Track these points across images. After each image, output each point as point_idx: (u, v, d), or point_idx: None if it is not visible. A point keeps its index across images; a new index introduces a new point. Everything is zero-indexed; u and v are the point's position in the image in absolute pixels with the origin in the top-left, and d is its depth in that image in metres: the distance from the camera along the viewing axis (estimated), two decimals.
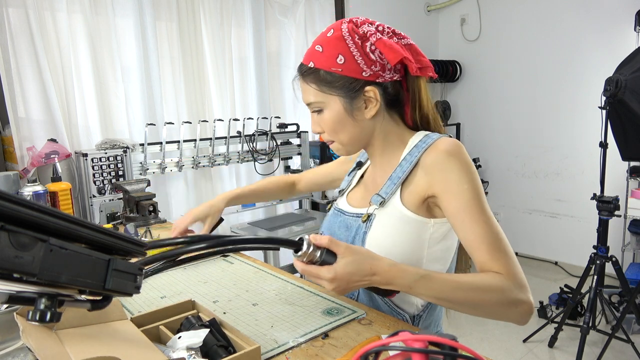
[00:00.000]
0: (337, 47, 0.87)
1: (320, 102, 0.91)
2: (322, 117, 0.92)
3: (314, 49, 0.90)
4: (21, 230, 0.38)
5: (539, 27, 3.66)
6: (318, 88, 0.89)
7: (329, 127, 0.92)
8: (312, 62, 0.89)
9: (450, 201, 0.83)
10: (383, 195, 0.91)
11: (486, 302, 0.77)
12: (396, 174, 0.91)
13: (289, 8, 3.21)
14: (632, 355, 2.31)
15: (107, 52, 2.41)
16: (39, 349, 0.60)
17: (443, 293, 0.77)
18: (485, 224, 0.81)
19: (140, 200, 1.60)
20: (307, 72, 0.90)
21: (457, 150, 0.85)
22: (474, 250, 0.82)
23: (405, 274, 0.76)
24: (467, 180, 0.83)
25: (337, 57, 0.87)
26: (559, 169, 3.71)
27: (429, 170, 0.86)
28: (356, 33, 0.87)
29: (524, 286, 0.79)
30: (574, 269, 3.59)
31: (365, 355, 0.46)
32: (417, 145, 0.90)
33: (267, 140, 2.94)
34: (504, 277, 0.78)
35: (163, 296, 1.03)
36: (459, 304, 0.79)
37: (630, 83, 2.16)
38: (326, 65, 0.87)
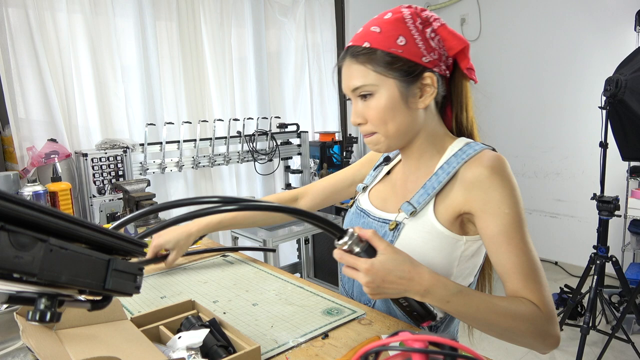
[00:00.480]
0: (397, 29, 0.82)
1: (372, 84, 0.82)
2: (370, 104, 0.84)
3: (369, 30, 0.84)
4: (21, 230, 0.37)
5: (539, 27, 3.66)
6: (374, 69, 0.82)
7: (377, 114, 0.84)
8: (367, 42, 0.82)
9: (488, 223, 0.79)
10: (415, 204, 0.85)
11: (517, 330, 0.74)
12: (431, 183, 0.86)
13: (289, 8, 3.21)
14: (632, 355, 2.31)
15: (107, 52, 2.42)
16: (39, 349, 0.60)
17: (479, 313, 0.73)
18: (523, 253, 0.77)
19: (140, 200, 1.60)
20: (360, 53, 0.83)
21: (502, 167, 0.80)
22: (508, 277, 0.78)
23: (445, 286, 0.72)
24: (509, 203, 0.78)
25: (398, 38, 0.81)
26: (559, 169, 3.71)
27: (469, 186, 0.81)
28: (419, 16, 0.84)
29: (554, 319, 0.77)
30: (574, 269, 3.59)
31: (365, 355, 0.46)
32: (456, 155, 0.85)
33: (267, 140, 2.94)
34: (537, 307, 0.75)
35: (163, 296, 1.03)
36: (490, 325, 0.75)
37: (630, 83, 2.16)
38: (385, 46, 0.81)
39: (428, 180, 0.87)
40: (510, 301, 0.75)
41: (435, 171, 0.87)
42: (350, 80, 0.85)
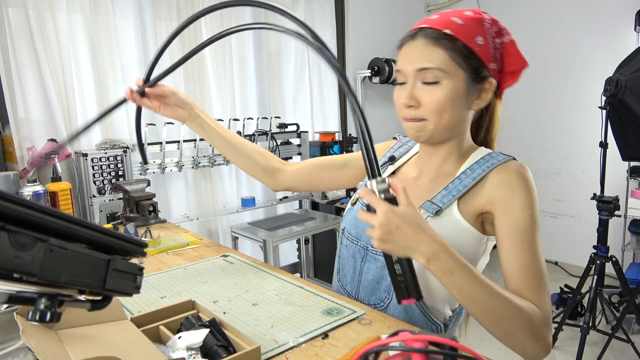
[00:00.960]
0: (476, 28, 0.84)
1: (444, 70, 0.81)
2: (434, 90, 0.82)
3: (449, 19, 0.83)
4: (21, 230, 0.38)
5: (538, 27, 3.66)
6: (450, 56, 0.81)
7: (438, 102, 0.82)
8: (449, 29, 0.82)
9: (507, 221, 0.82)
10: (439, 204, 0.86)
11: (513, 322, 0.74)
12: (454, 186, 0.88)
13: (289, 8, 3.19)
14: (632, 355, 2.31)
15: (107, 52, 2.42)
16: (39, 349, 0.60)
17: (480, 293, 0.73)
18: (534, 255, 0.80)
19: (140, 200, 1.60)
20: (441, 36, 0.82)
21: (528, 175, 0.85)
22: (514, 275, 0.79)
23: (453, 256, 0.72)
24: (530, 207, 0.82)
25: (477, 37, 0.83)
26: (559, 169, 3.71)
27: (495, 188, 0.84)
28: (495, 25, 0.86)
29: (550, 325, 0.78)
30: (574, 269, 3.59)
31: (365, 355, 0.46)
32: (478, 162, 0.89)
33: (267, 140, 2.94)
34: (537, 309, 0.76)
35: (163, 296, 1.03)
36: (487, 310, 0.74)
37: (630, 83, 2.16)
38: (466, 39, 0.82)
39: (451, 183, 0.89)
40: (513, 294, 0.76)
41: (458, 175, 0.89)
42: (420, 60, 0.82)
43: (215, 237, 2.96)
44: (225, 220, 2.98)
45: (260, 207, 3.08)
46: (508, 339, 0.77)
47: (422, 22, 0.86)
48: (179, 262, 1.27)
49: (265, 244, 2.50)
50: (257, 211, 3.13)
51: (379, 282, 0.95)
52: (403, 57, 0.86)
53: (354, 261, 1.00)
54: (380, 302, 0.95)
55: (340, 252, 1.05)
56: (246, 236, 2.67)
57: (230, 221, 2.99)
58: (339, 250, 1.07)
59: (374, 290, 0.96)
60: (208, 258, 1.29)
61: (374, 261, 0.95)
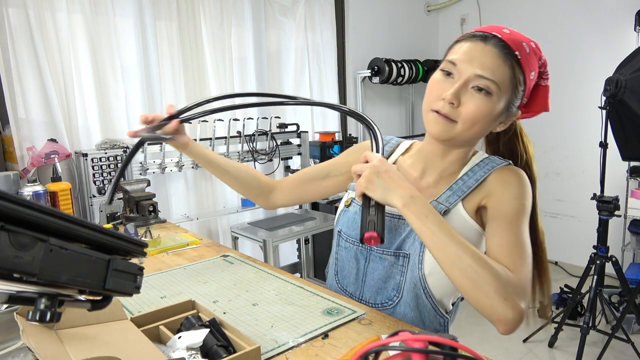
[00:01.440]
0: (534, 62, 0.86)
1: (498, 87, 0.82)
2: (480, 100, 0.82)
3: (521, 43, 0.84)
4: (21, 230, 0.38)
5: (539, 27, 3.66)
6: (510, 77, 0.83)
7: (477, 113, 0.83)
8: (519, 53, 0.83)
9: (497, 209, 0.85)
10: (446, 204, 0.89)
11: (482, 275, 0.74)
12: (458, 187, 0.90)
13: (289, 8, 3.21)
14: (632, 355, 2.31)
15: (107, 52, 2.42)
16: (39, 349, 0.60)
17: (452, 239, 0.76)
18: (519, 235, 0.82)
19: (140, 200, 1.60)
20: (511, 55, 0.82)
21: (523, 175, 0.90)
22: (495, 250, 0.82)
23: (426, 202, 0.80)
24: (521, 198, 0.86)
25: (531, 73, 0.86)
26: (559, 169, 3.71)
27: (492, 184, 0.88)
28: (545, 67, 0.89)
29: (522, 293, 0.77)
30: (574, 269, 3.59)
31: (365, 355, 0.46)
32: (479, 165, 0.92)
33: (267, 140, 2.94)
34: (511, 272, 0.78)
35: (163, 296, 1.03)
36: (457, 259, 0.75)
37: (630, 83, 2.16)
38: (526, 68, 0.84)
39: (455, 184, 0.91)
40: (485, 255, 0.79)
41: (461, 176, 0.92)
42: (486, 67, 0.81)
43: (215, 237, 2.96)
44: (225, 220, 2.98)
45: (260, 207, 3.08)
46: (475, 293, 0.75)
47: (493, 29, 0.84)
48: (179, 262, 1.27)
49: (265, 244, 2.50)
50: (257, 211, 3.13)
51: (386, 282, 0.95)
52: (466, 53, 0.83)
53: (356, 262, 0.99)
54: (388, 300, 0.95)
55: (338, 254, 1.04)
56: (246, 236, 2.67)
57: (230, 221, 2.99)
58: (335, 253, 1.05)
59: (380, 290, 0.96)
60: (208, 258, 1.29)
61: (379, 261, 0.96)
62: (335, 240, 1.06)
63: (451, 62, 0.84)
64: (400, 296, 0.93)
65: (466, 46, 0.84)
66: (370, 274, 0.98)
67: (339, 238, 1.04)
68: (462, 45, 0.85)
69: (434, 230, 0.76)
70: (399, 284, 0.93)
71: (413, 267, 0.90)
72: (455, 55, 0.84)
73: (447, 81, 0.85)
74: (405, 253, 0.92)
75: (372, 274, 0.97)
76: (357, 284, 1.00)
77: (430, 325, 0.94)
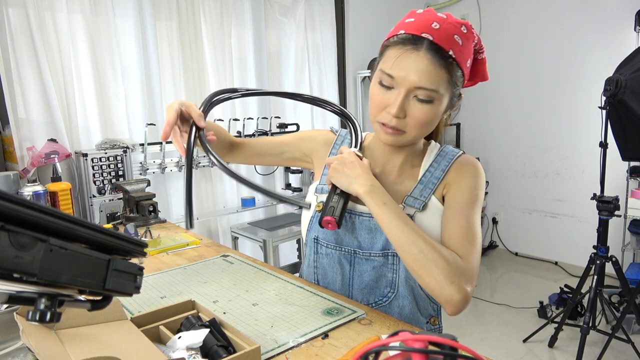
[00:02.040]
0: (468, 49, 0.85)
1: (441, 94, 0.82)
2: (425, 108, 0.82)
3: (452, 37, 0.81)
4: (21, 230, 0.38)
5: (539, 27, 3.66)
6: (449, 80, 0.82)
7: (424, 120, 0.84)
8: (452, 51, 0.81)
9: (454, 196, 0.91)
10: (422, 198, 0.92)
11: (432, 258, 0.80)
12: (428, 179, 0.94)
13: (289, 8, 3.21)
14: (632, 355, 2.31)
15: (107, 52, 2.41)
16: (39, 349, 0.60)
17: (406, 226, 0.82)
18: (470, 221, 0.88)
19: (140, 200, 1.60)
20: (445, 58, 0.80)
21: (479, 165, 0.95)
22: (448, 237, 0.87)
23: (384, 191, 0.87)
24: (475, 188, 0.91)
25: (468, 60, 0.85)
26: (559, 169, 3.71)
27: (452, 174, 0.93)
28: (479, 43, 0.89)
29: (469, 277, 0.82)
30: (574, 269, 3.59)
31: (365, 355, 0.46)
32: (440, 155, 0.96)
33: None
34: (459, 258, 0.83)
35: (163, 296, 1.03)
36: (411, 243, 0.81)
37: (630, 83, 2.16)
38: (462, 62, 0.83)
39: (423, 177, 0.95)
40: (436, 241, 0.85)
41: (428, 168, 0.95)
42: (423, 79, 0.80)
43: (215, 237, 2.96)
44: (225, 220, 2.98)
45: (260, 207, 3.08)
46: (425, 276, 0.81)
47: (422, 28, 0.81)
48: (179, 262, 1.27)
49: (265, 244, 2.50)
50: (257, 211, 3.13)
51: (378, 281, 0.96)
52: (400, 65, 0.81)
53: (340, 268, 0.99)
54: (382, 298, 0.97)
55: (318, 262, 1.03)
56: (246, 236, 2.67)
57: (230, 221, 3.00)
58: (314, 261, 1.04)
59: (372, 290, 0.97)
60: (208, 258, 1.29)
61: (367, 263, 0.96)
62: (311, 247, 1.04)
63: (388, 75, 0.83)
64: (395, 292, 0.95)
65: (399, 56, 0.82)
66: (358, 277, 0.98)
67: (316, 245, 1.02)
68: (395, 54, 0.82)
69: (391, 216, 0.83)
70: (392, 281, 0.95)
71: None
72: (390, 68, 0.82)
73: (388, 94, 0.84)
74: (393, 252, 0.93)
75: (361, 277, 0.97)
76: (345, 288, 1.00)
77: (425, 311, 0.98)
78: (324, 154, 1.07)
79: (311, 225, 1.03)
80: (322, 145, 1.09)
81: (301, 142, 1.12)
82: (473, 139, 4.22)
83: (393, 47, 0.84)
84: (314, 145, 1.10)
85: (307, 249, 1.06)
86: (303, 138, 1.13)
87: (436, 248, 0.81)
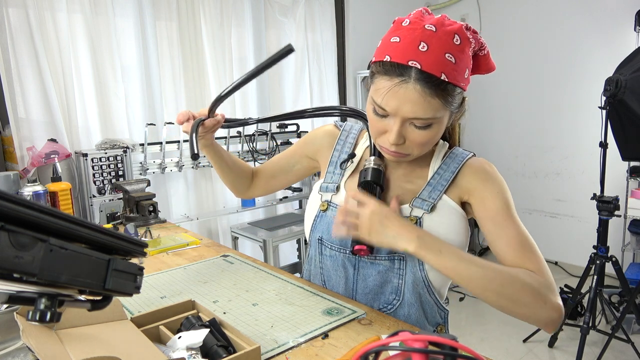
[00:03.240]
0: (465, 60, 0.78)
1: (438, 118, 0.78)
2: (424, 133, 0.80)
3: (444, 58, 0.75)
4: (21, 230, 0.38)
5: (539, 27, 3.66)
6: (443, 103, 0.77)
7: (422, 142, 0.82)
8: (444, 74, 0.75)
9: (486, 207, 0.87)
10: (430, 200, 0.90)
11: (513, 288, 0.75)
12: (437, 181, 0.92)
13: (289, 8, 3.21)
14: (632, 355, 2.31)
15: (107, 52, 2.41)
16: (39, 349, 0.60)
17: (473, 266, 0.77)
18: (518, 227, 0.84)
19: (140, 200, 1.60)
20: (437, 85, 0.75)
21: (493, 168, 0.92)
22: (506, 249, 0.83)
23: (433, 237, 0.80)
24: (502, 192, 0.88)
25: (465, 72, 0.80)
26: (559, 169, 3.71)
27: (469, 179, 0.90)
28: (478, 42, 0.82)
29: (553, 288, 0.79)
30: (574, 269, 3.59)
31: (365, 355, 0.46)
32: (449, 156, 0.93)
33: (267, 140, 2.94)
34: (535, 274, 0.79)
35: (163, 296, 1.03)
36: (486, 282, 0.76)
37: (630, 83, 2.16)
38: (457, 80, 0.77)
39: (432, 179, 0.92)
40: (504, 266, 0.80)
41: (437, 170, 0.93)
42: (416, 110, 0.76)
43: (215, 237, 2.96)
44: (225, 220, 2.98)
45: (260, 207, 3.08)
46: (516, 307, 0.77)
47: (408, 55, 0.75)
48: (179, 262, 1.27)
49: (265, 244, 2.50)
50: (257, 211, 3.13)
51: (383, 287, 0.94)
52: (391, 99, 0.77)
53: (344, 271, 0.97)
54: (387, 305, 0.94)
55: (323, 263, 1.01)
56: (246, 236, 2.67)
57: (230, 221, 3.00)
58: (319, 262, 1.01)
59: (377, 295, 0.95)
60: (208, 258, 1.29)
61: (372, 267, 0.94)
62: (315, 248, 1.01)
63: (381, 107, 0.79)
64: (401, 299, 0.93)
65: (388, 90, 0.77)
66: (362, 282, 0.95)
67: (320, 246, 0.99)
68: (383, 85, 0.77)
69: (454, 261, 0.77)
70: (398, 287, 0.92)
71: (413, 269, 0.90)
72: (381, 101, 0.78)
73: (384, 122, 0.82)
74: (401, 256, 0.90)
75: (365, 281, 0.95)
76: (348, 292, 0.98)
77: (433, 319, 0.95)
78: (328, 151, 1.06)
79: (315, 225, 1.00)
80: (326, 143, 1.07)
81: (305, 148, 1.12)
82: (473, 139, 4.22)
83: (380, 77, 0.79)
84: (317, 145, 1.09)
85: (310, 250, 1.04)
86: (306, 142, 1.12)
87: (514, 276, 0.77)
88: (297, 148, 1.14)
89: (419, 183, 0.94)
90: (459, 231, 0.90)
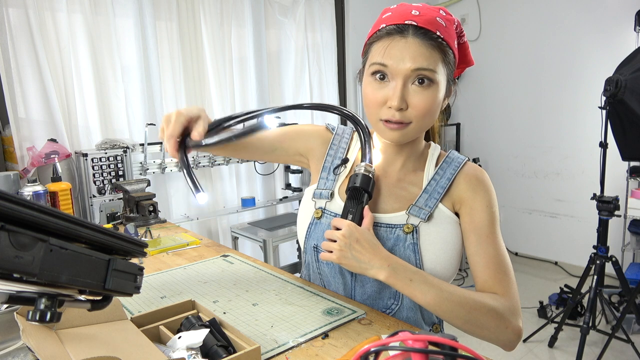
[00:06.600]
0: (452, 31, 0.84)
1: (435, 71, 0.80)
2: (427, 92, 0.80)
3: (435, 20, 0.80)
4: (21, 230, 0.38)
5: (539, 27, 3.66)
6: (442, 59, 0.80)
7: (427, 105, 0.81)
8: (439, 31, 0.79)
9: (473, 219, 0.88)
10: (427, 208, 0.89)
11: (480, 314, 0.79)
12: (432, 188, 0.91)
13: (289, 8, 3.21)
14: (632, 355, 2.31)
15: (107, 52, 2.41)
16: (39, 349, 0.60)
17: (442, 293, 0.79)
18: (498, 247, 0.87)
19: (140, 200, 1.60)
20: (434, 39, 0.79)
21: (486, 177, 0.93)
22: (483, 269, 0.86)
23: (404, 265, 0.81)
24: (491, 206, 0.89)
25: (454, 41, 0.84)
26: (559, 169, 3.71)
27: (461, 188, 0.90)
28: (459, 26, 0.88)
29: (518, 313, 0.82)
30: (574, 269, 3.59)
31: (365, 355, 0.46)
32: (445, 161, 0.93)
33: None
34: (502, 298, 0.82)
35: (163, 296, 1.03)
36: (455, 308, 0.79)
37: (630, 83, 2.16)
38: (450, 43, 0.82)
39: (428, 185, 0.92)
40: (470, 291, 0.82)
41: (433, 176, 0.93)
42: (418, 60, 0.78)
43: (215, 237, 2.96)
44: (225, 220, 2.98)
45: (260, 207, 3.08)
46: (479, 331, 0.80)
47: (402, 16, 0.80)
48: (179, 262, 1.27)
49: (265, 244, 2.50)
50: (257, 211, 3.13)
51: (381, 292, 0.94)
52: (392, 52, 0.79)
53: (342, 277, 0.97)
54: (386, 309, 0.94)
55: (320, 270, 1.00)
56: (246, 236, 2.67)
57: (230, 221, 2.99)
58: (317, 269, 1.01)
59: (375, 301, 0.95)
60: (208, 258, 1.29)
61: None
62: (310, 255, 0.99)
63: (381, 64, 0.80)
64: (400, 304, 0.93)
65: (388, 46, 0.80)
66: (360, 288, 0.95)
67: (316, 254, 0.98)
68: (382, 45, 0.81)
69: (424, 289, 0.79)
70: (396, 292, 0.93)
71: None
72: (382, 57, 0.80)
73: (384, 87, 0.81)
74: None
75: (363, 287, 0.95)
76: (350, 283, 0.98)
77: (429, 319, 0.97)
78: (321, 154, 1.02)
79: (309, 233, 0.97)
80: (318, 144, 1.03)
81: (296, 140, 1.05)
82: (473, 139, 4.22)
83: (378, 41, 0.82)
84: (311, 143, 1.04)
85: (306, 257, 1.02)
86: (299, 135, 1.06)
87: (479, 301, 0.79)
88: (285, 137, 1.05)
89: (413, 190, 0.93)
90: (455, 240, 0.90)
